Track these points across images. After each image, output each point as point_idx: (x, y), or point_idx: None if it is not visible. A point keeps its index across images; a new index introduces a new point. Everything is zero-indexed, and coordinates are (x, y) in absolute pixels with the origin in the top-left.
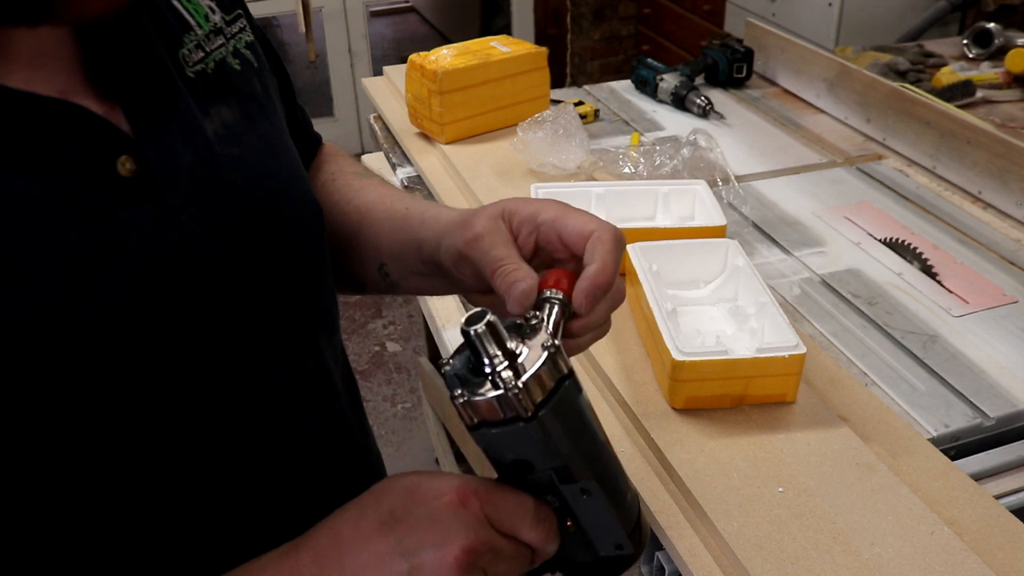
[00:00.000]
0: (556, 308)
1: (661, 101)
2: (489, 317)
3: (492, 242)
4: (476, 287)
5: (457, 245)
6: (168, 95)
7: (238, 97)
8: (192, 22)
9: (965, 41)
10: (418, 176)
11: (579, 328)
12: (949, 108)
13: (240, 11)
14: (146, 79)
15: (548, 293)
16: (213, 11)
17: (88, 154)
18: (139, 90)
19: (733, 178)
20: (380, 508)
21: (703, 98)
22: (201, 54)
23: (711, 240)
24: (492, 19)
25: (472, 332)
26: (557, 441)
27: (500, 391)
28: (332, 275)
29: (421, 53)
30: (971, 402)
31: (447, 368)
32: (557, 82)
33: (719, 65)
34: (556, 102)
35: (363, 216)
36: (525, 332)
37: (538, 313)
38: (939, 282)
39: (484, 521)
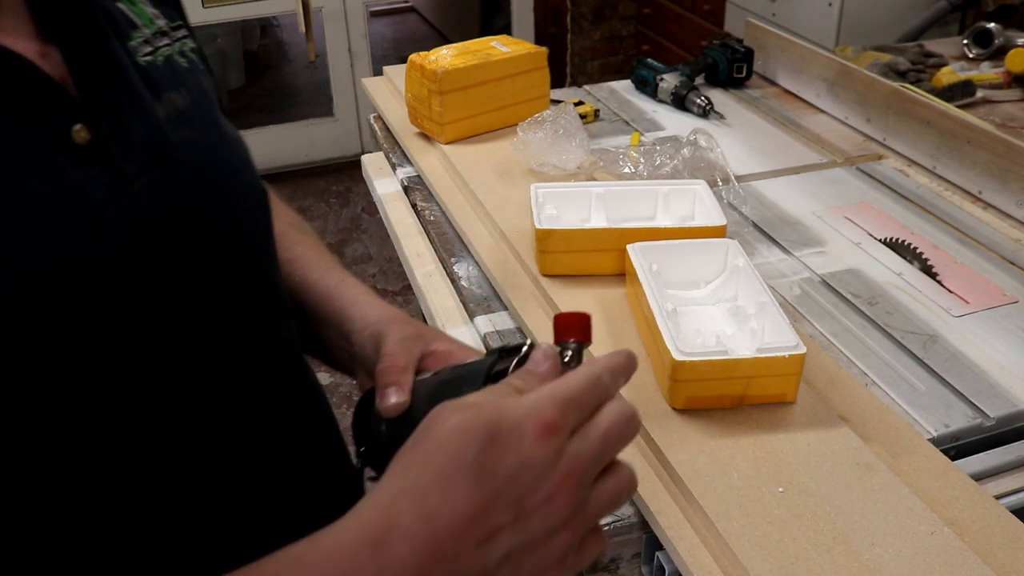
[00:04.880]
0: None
1: (661, 101)
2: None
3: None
4: (355, 365)
5: (379, 332)
6: (119, 74)
7: (188, 87)
8: (139, 22)
9: (965, 41)
10: (418, 176)
11: None
12: (949, 108)
13: (182, 23)
14: (97, 57)
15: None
16: (158, 17)
17: (47, 116)
18: (91, 66)
19: (733, 178)
20: (464, 467)
21: (703, 98)
22: (149, 48)
23: (711, 240)
24: (492, 19)
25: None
26: None
27: None
28: (278, 262)
29: (421, 53)
30: (971, 402)
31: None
32: (557, 82)
33: (719, 65)
34: (556, 102)
35: (294, 269)
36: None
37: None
38: (939, 282)
39: (571, 432)
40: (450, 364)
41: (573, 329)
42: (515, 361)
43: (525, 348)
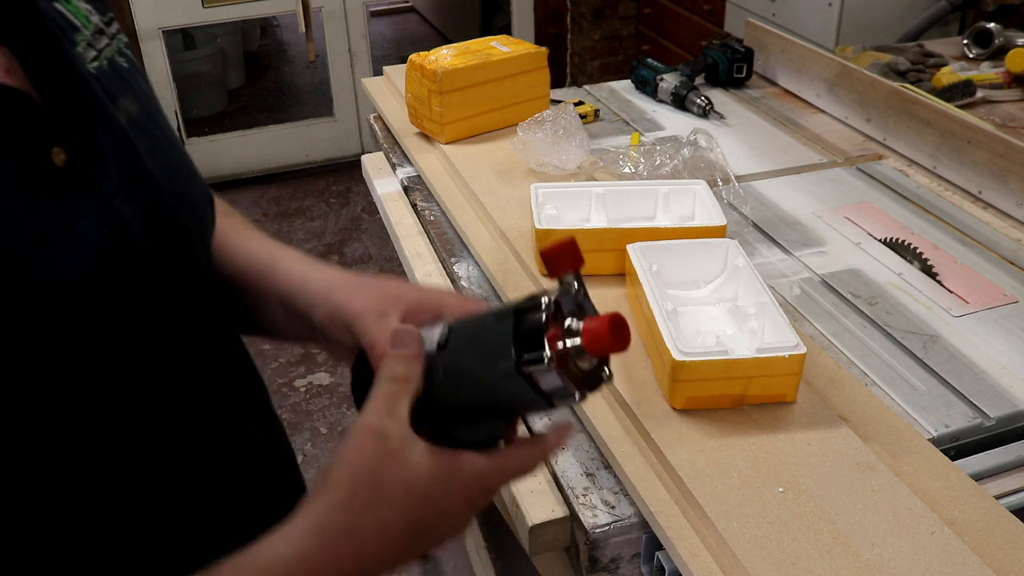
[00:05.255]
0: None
1: (661, 101)
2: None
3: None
4: (341, 344)
5: (343, 311)
6: (81, 86)
7: (134, 92)
8: (78, 23)
9: (965, 41)
10: (418, 176)
11: None
12: (949, 108)
13: (112, 15)
14: (59, 69)
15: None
16: (92, 13)
17: (28, 141)
18: (55, 80)
19: (733, 178)
20: (401, 520)
21: (703, 98)
22: (93, 52)
23: (711, 240)
24: (492, 19)
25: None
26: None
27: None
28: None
29: (421, 53)
30: (971, 402)
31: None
32: (557, 82)
33: (719, 65)
34: (556, 102)
35: (224, 257)
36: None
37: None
38: (939, 282)
39: (485, 496)
40: (436, 315)
41: (564, 259)
42: (544, 319)
43: (544, 304)
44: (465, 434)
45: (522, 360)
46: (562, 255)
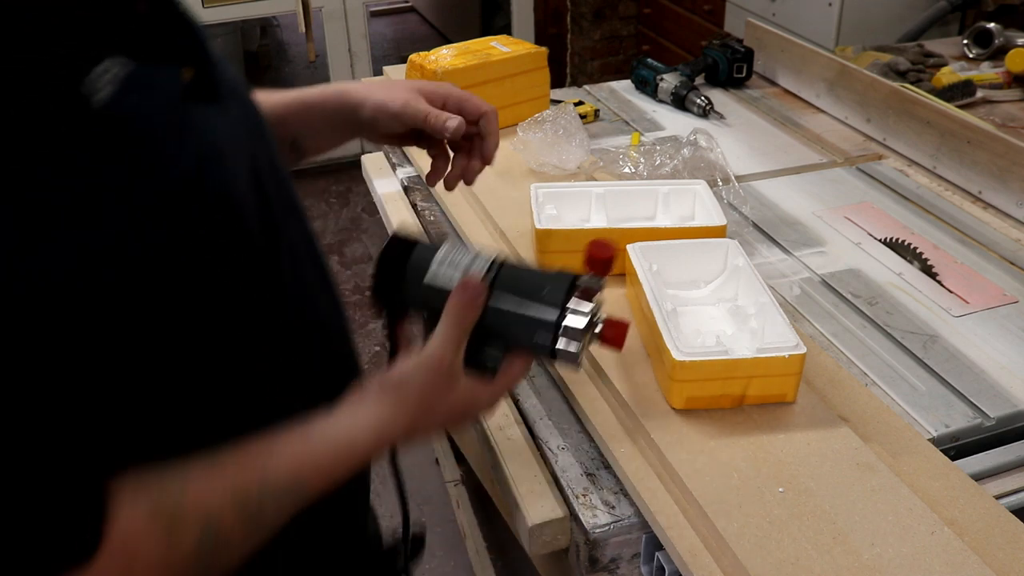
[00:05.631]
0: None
1: (661, 101)
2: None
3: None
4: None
5: (387, 104)
6: (190, 23)
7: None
8: None
9: (965, 41)
10: (418, 176)
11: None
12: (949, 108)
13: None
14: (175, 11)
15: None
16: None
17: (173, 61)
18: (174, 17)
19: (733, 178)
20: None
21: (703, 98)
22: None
23: (711, 240)
24: (492, 19)
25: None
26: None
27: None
28: None
29: (421, 53)
30: (971, 402)
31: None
32: (557, 82)
33: (719, 65)
34: (556, 102)
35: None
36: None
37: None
38: (939, 282)
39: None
40: (444, 100)
41: (601, 267)
42: (591, 315)
43: (592, 310)
44: (482, 355)
45: (561, 337)
46: (602, 265)
